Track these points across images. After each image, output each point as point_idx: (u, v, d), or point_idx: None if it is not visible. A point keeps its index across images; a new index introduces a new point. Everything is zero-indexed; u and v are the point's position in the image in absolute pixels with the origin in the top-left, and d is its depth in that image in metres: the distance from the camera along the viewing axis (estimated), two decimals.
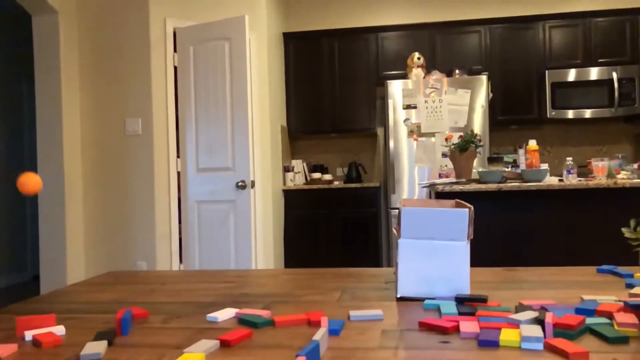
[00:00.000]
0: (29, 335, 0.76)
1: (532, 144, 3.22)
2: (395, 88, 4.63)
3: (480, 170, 2.98)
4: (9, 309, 0.96)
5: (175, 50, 4.06)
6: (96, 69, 4.03)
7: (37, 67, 3.90)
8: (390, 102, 4.62)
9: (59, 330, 0.78)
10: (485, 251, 2.86)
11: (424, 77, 4.68)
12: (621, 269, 1.12)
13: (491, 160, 3.27)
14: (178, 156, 4.08)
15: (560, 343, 0.63)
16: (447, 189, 2.88)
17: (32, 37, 3.92)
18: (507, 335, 0.67)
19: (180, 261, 4.06)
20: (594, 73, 4.83)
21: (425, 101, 4.58)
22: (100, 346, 0.68)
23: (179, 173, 4.07)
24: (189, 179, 3.96)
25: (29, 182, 1.06)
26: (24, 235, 5.71)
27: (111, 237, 4.01)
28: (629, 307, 0.77)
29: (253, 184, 3.80)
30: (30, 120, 5.77)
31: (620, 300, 0.83)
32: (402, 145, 4.61)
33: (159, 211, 3.96)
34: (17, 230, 5.60)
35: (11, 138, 5.57)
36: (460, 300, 0.86)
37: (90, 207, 4.04)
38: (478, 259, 2.66)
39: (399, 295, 0.92)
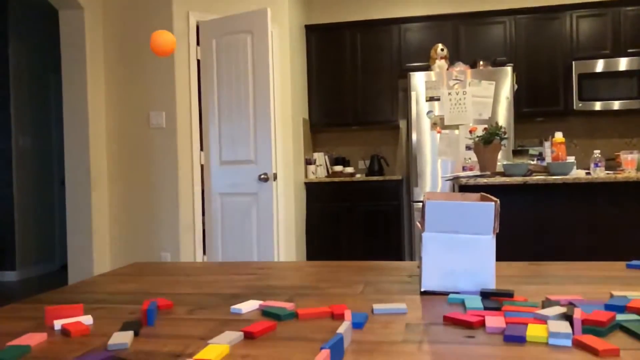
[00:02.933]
0: (57, 324, 0.77)
1: (559, 136, 3.16)
2: (418, 80, 4.58)
3: (505, 163, 2.94)
4: (38, 299, 0.98)
5: (198, 44, 4.09)
6: (121, 63, 4.08)
7: (64, 61, 3.96)
8: (413, 94, 4.58)
9: (87, 319, 0.79)
10: (511, 245, 2.83)
11: (448, 69, 4.62)
12: None
13: (516, 153, 3.22)
14: (201, 149, 4.11)
15: (590, 340, 0.62)
16: (471, 182, 2.85)
17: (59, 31, 3.98)
18: (534, 331, 0.66)
19: (204, 253, 4.10)
20: (623, 63, 4.71)
21: (449, 93, 4.53)
22: (126, 336, 0.69)
23: (202, 166, 4.11)
24: (212, 172, 4.00)
25: (162, 41, 1.01)
26: (52, 227, 5.84)
27: (136, 228, 4.07)
28: None
29: (275, 177, 3.81)
30: (57, 112, 5.88)
31: None
32: (425, 137, 4.57)
33: (182, 203, 4.01)
34: (46, 221, 5.73)
35: (39, 130, 5.69)
36: (485, 295, 0.85)
37: (116, 199, 4.10)
38: (503, 253, 2.63)
39: (423, 289, 0.91)
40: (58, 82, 5.82)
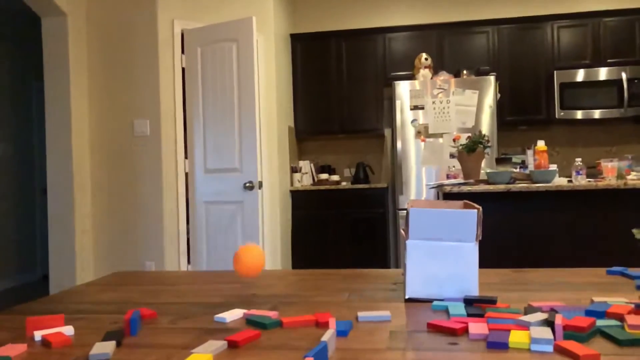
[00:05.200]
0: (38, 335, 0.76)
1: (541, 144, 3.20)
2: (403, 89, 4.62)
3: (488, 171, 2.97)
4: (18, 309, 0.97)
5: (183, 52, 4.08)
6: (104, 71, 4.06)
7: (46, 68, 3.93)
8: (397, 102, 4.61)
9: (68, 330, 0.78)
10: (494, 252, 2.85)
11: (432, 78, 4.67)
12: (631, 271, 1.10)
13: (499, 161, 3.25)
14: (186, 157, 4.09)
15: (571, 345, 0.63)
16: (455, 189, 2.87)
17: (42, 38, 3.94)
18: (517, 337, 0.66)
19: (188, 261, 4.07)
20: (603, 73, 4.79)
21: (433, 102, 4.57)
22: (108, 346, 0.69)
23: (186, 174, 4.09)
24: (196, 180, 3.97)
25: (248, 263, 0.95)
26: (33, 236, 5.75)
27: (119, 237, 4.03)
28: None
29: (260, 185, 3.81)
30: (39, 120, 5.82)
31: (631, 302, 0.82)
32: (410, 146, 4.60)
33: (167, 212, 3.98)
34: (26, 230, 5.64)
35: (21, 138, 5.62)
36: (469, 302, 0.86)
37: (99, 207, 4.06)
38: (486, 260, 2.65)
39: (407, 297, 0.92)
40: (40, 89, 5.76)
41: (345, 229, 4.96)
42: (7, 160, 5.41)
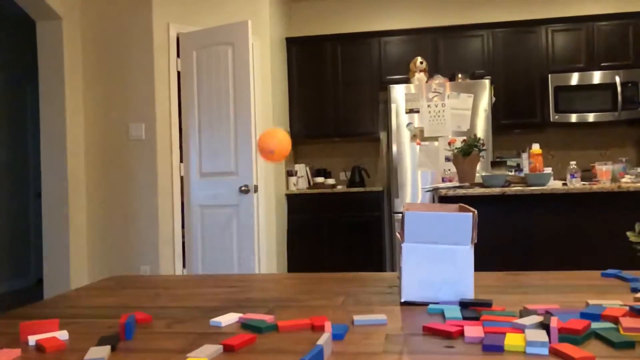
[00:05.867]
0: (32, 340, 0.76)
1: (536, 147, 3.21)
2: (398, 92, 4.63)
3: (483, 174, 2.98)
4: (12, 314, 0.96)
5: (178, 56, 4.08)
6: (100, 74, 4.05)
7: (41, 72, 3.92)
8: (393, 106, 4.62)
9: (63, 335, 0.78)
10: (489, 255, 2.85)
11: (427, 82, 4.68)
12: (626, 273, 1.11)
13: (494, 164, 3.26)
14: (181, 161, 4.09)
15: (566, 348, 0.63)
16: (451, 193, 2.87)
17: (36, 42, 3.93)
18: (512, 340, 0.66)
19: (184, 265, 4.06)
20: (597, 77, 4.82)
21: (428, 105, 4.58)
22: (103, 351, 0.68)
23: (182, 177, 4.08)
24: (192, 184, 3.97)
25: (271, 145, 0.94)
26: (27, 240, 5.72)
27: (115, 241, 4.02)
28: (635, 312, 0.76)
29: (256, 189, 3.80)
30: (34, 124, 5.80)
31: (625, 305, 0.82)
32: (405, 149, 4.61)
33: (162, 216, 3.97)
34: (21, 234, 5.61)
35: (15, 142, 5.59)
36: (464, 305, 0.86)
37: (94, 211, 4.04)
38: (482, 263, 2.65)
39: (402, 300, 0.92)
40: (35, 93, 5.74)
41: (340, 232, 4.96)
42: (2, 164, 5.38)
